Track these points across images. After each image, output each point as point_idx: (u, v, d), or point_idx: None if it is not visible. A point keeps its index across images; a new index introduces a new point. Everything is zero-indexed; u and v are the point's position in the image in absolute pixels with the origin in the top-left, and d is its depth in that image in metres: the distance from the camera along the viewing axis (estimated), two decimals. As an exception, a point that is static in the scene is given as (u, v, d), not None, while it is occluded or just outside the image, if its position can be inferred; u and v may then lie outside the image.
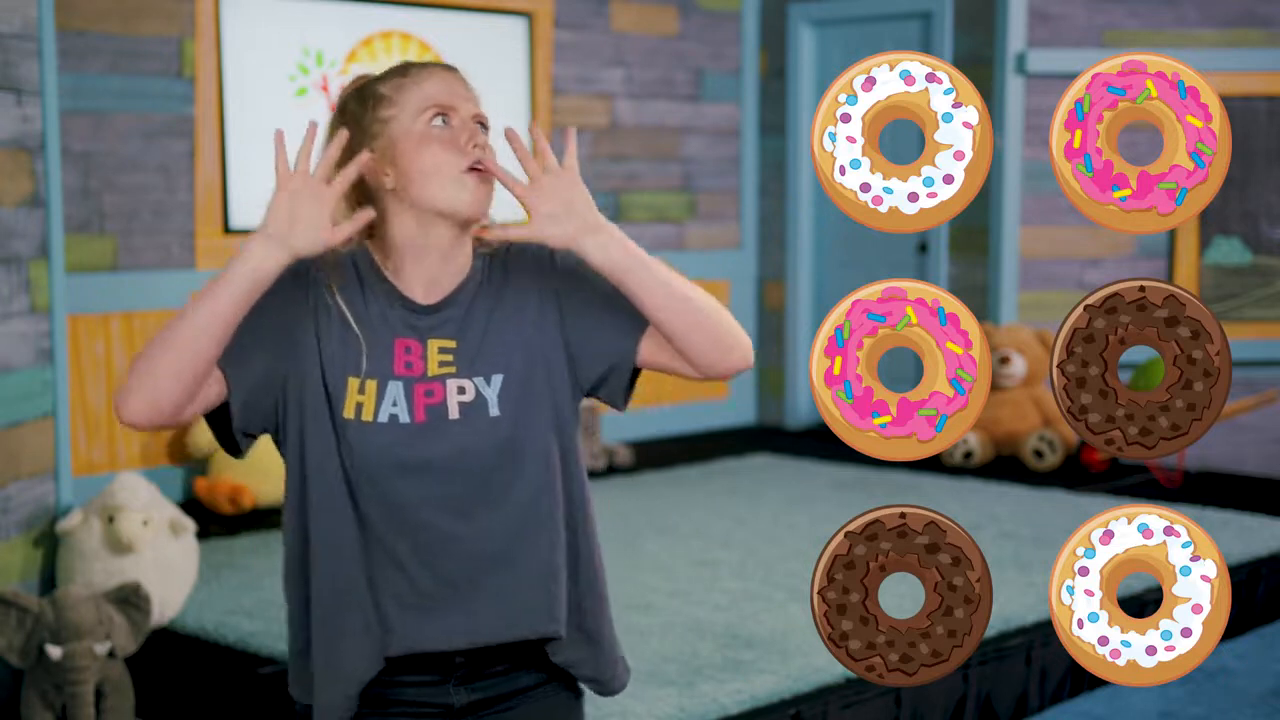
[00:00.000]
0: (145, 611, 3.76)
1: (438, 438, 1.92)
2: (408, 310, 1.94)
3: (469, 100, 1.96)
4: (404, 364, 1.93)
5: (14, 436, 3.98)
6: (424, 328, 1.94)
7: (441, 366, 1.94)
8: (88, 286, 5.50)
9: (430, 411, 1.92)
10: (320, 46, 6.17)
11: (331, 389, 1.92)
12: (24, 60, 4.03)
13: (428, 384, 1.92)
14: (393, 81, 1.96)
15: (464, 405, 1.93)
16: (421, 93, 1.93)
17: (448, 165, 1.91)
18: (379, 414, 1.91)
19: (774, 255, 7.79)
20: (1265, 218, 6.82)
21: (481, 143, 1.94)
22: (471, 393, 1.93)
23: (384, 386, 1.92)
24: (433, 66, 1.97)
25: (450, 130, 1.93)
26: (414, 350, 1.93)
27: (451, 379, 1.93)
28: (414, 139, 1.92)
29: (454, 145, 1.92)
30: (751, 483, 6.17)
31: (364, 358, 1.92)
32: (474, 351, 1.95)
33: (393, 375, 1.92)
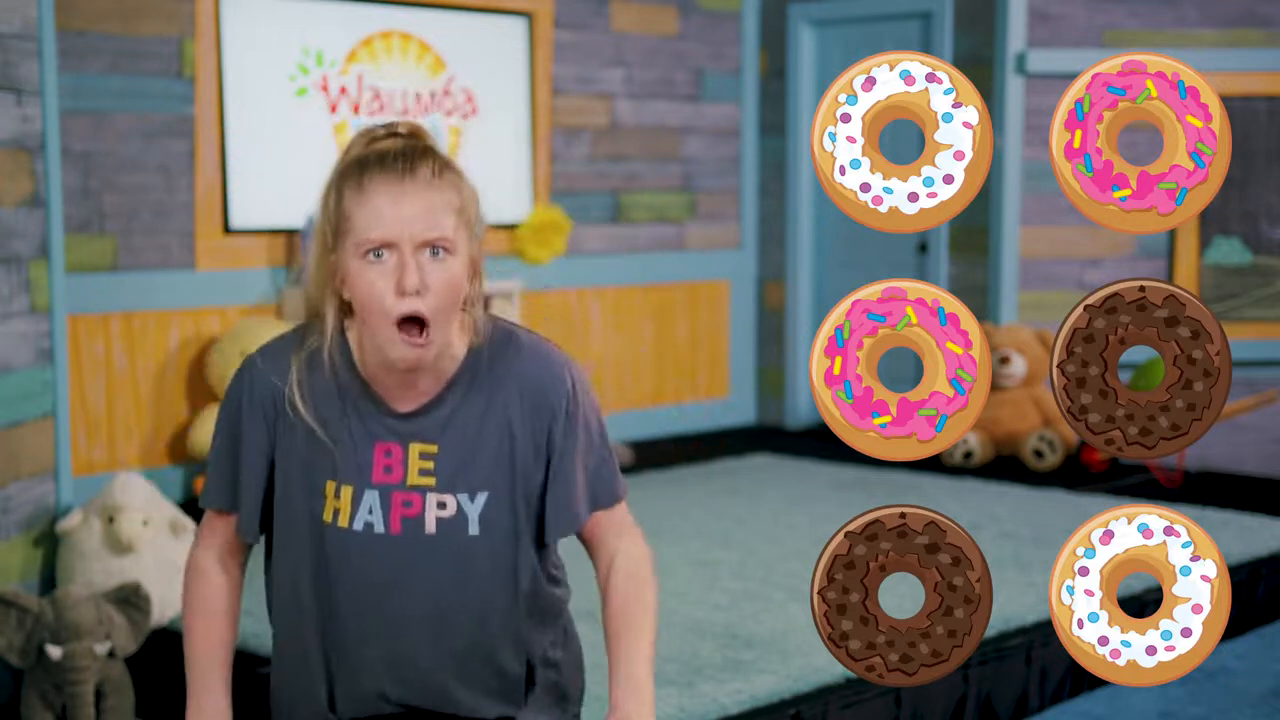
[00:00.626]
0: (145, 611, 3.76)
1: (412, 550, 1.90)
2: (386, 414, 1.90)
3: (416, 224, 1.81)
4: (383, 469, 1.89)
5: (14, 436, 3.98)
6: (405, 432, 1.89)
7: (422, 475, 1.90)
8: (88, 286, 5.50)
9: (406, 524, 1.89)
10: (320, 46, 6.17)
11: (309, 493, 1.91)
12: (24, 60, 4.03)
13: (406, 494, 1.89)
14: (351, 192, 1.84)
15: (442, 521, 1.89)
16: (362, 220, 1.81)
17: (378, 312, 1.82)
18: (354, 521, 1.89)
19: (774, 255, 7.79)
20: (1265, 218, 6.82)
21: (411, 288, 1.79)
22: (452, 509, 1.90)
23: (360, 494, 1.88)
24: (388, 174, 1.82)
25: (384, 266, 1.81)
26: (394, 454, 1.89)
27: (431, 493, 1.89)
28: (352, 274, 1.83)
29: (385, 286, 1.81)
30: (751, 483, 6.17)
31: (335, 465, 1.89)
32: (457, 462, 1.90)
33: (369, 484, 1.88)
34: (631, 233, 7.35)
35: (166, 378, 5.76)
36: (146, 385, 5.71)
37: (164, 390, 5.75)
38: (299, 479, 1.92)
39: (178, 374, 5.78)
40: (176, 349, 5.78)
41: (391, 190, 1.81)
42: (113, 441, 5.63)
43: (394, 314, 1.81)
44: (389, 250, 1.81)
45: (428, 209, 1.82)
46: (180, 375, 5.79)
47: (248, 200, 5.95)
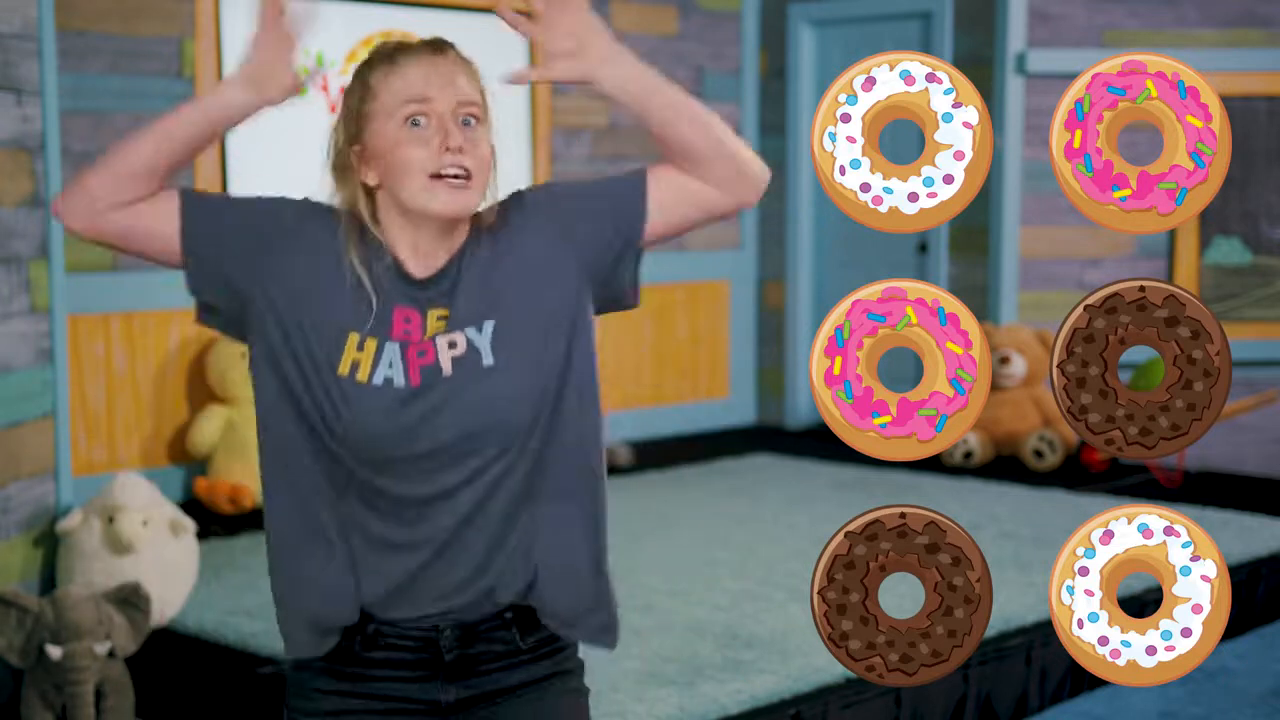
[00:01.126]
0: (145, 611, 3.76)
1: (431, 402, 1.89)
2: (405, 282, 1.92)
3: (451, 89, 1.88)
4: (403, 331, 1.90)
5: (14, 436, 3.98)
6: (423, 299, 1.92)
7: (435, 328, 1.92)
8: (88, 286, 5.50)
9: (424, 372, 1.89)
10: (320, 46, 6.16)
11: (326, 340, 1.90)
12: (24, 60, 4.03)
13: (420, 345, 1.90)
14: (379, 70, 1.90)
15: (456, 360, 1.90)
16: (397, 88, 1.88)
17: (417, 170, 1.86)
18: (374, 376, 1.88)
19: (774, 255, 7.79)
20: (1265, 218, 6.82)
21: (455, 145, 1.86)
22: (462, 345, 1.90)
23: (382, 347, 1.89)
24: (419, 52, 1.90)
25: (423, 132, 1.87)
26: (413, 320, 1.91)
27: (441, 335, 1.90)
28: (388, 140, 1.87)
29: (425, 148, 1.86)
30: (751, 483, 6.17)
31: (371, 317, 1.90)
32: (459, 304, 1.92)
33: (390, 337, 1.90)
34: (631, 233, 7.34)
35: (166, 378, 5.76)
36: (146, 385, 5.71)
37: (164, 390, 5.75)
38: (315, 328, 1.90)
39: (178, 374, 5.78)
40: (176, 349, 5.77)
41: (426, 62, 1.88)
42: (113, 441, 5.63)
43: (437, 169, 1.86)
44: (426, 117, 1.87)
45: (460, 80, 1.89)
46: (180, 375, 5.79)
47: (248, 200, 5.95)
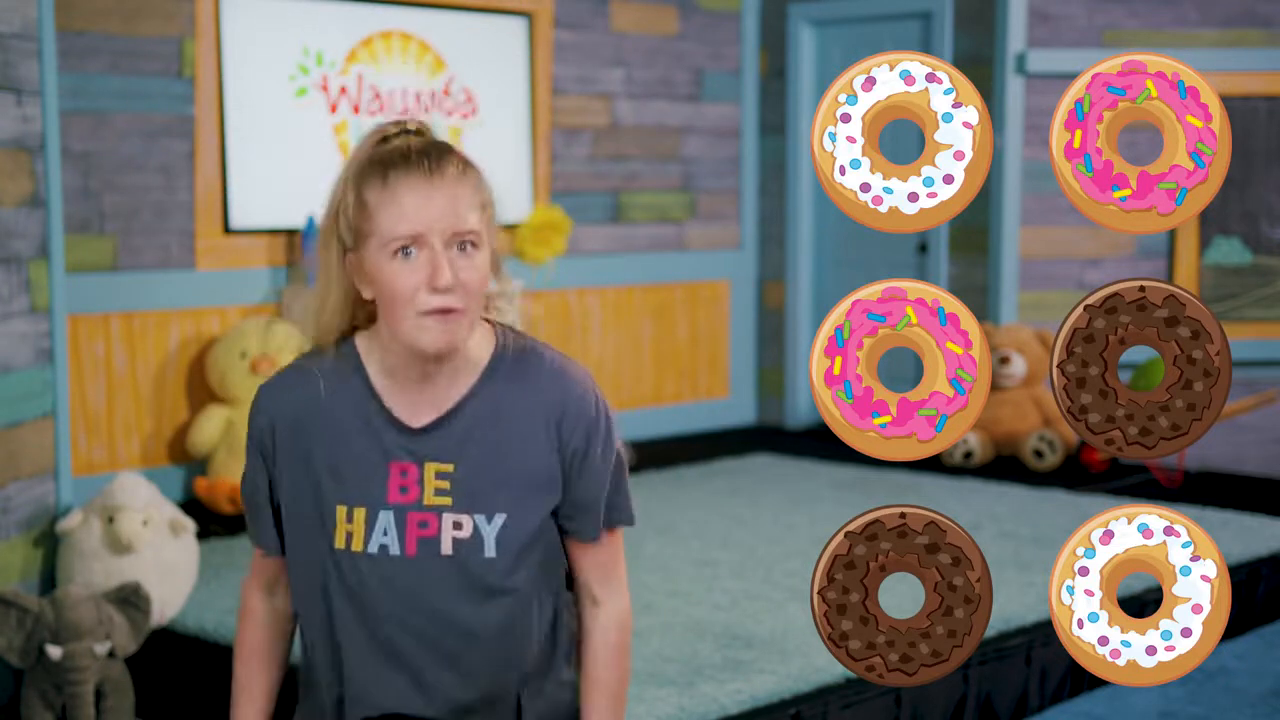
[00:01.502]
0: (145, 611, 3.76)
1: (427, 572, 1.88)
2: (400, 432, 1.88)
3: (446, 219, 1.79)
4: (399, 489, 1.87)
5: (14, 436, 3.98)
6: (421, 451, 1.88)
7: (438, 495, 1.88)
8: (88, 286, 5.51)
9: (422, 545, 1.87)
10: (320, 46, 6.16)
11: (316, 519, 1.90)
12: (24, 60, 4.03)
13: (422, 514, 1.87)
14: (374, 190, 1.81)
15: (458, 542, 1.87)
16: (390, 218, 1.79)
17: (407, 304, 1.80)
18: (369, 544, 1.87)
19: (774, 255, 7.79)
20: (1265, 218, 6.82)
21: (443, 285, 1.78)
22: (468, 529, 1.87)
23: (374, 516, 1.87)
24: (413, 173, 1.81)
25: (413, 264, 1.79)
26: (410, 474, 1.87)
27: (448, 512, 1.87)
28: (383, 270, 1.80)
29: (416, 283, 1.79)
30: (751, 483, 6.18)
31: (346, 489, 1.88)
32: (475, 482, 1.88)
33: (384, 504, 1.87)
34: (631, 233, 7.35)
35: (166, 378, 5.76)
36: (146, 385, 5.71)
37: (164, 390, 5.75)
38: (305, 509, 1.90)
39: (178, 374, 5.78)
40: (176, 349, 5.78)
41: (419, 186, 1.80)
42: (113, 441, 5.63)
43: (424, 307, 1.79)
44: (418, 247, 1.79)
45: (455, 204, 1.81)
46: (180, 375, 5.79)
47: (248, 200, 5.95)
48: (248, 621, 2.02)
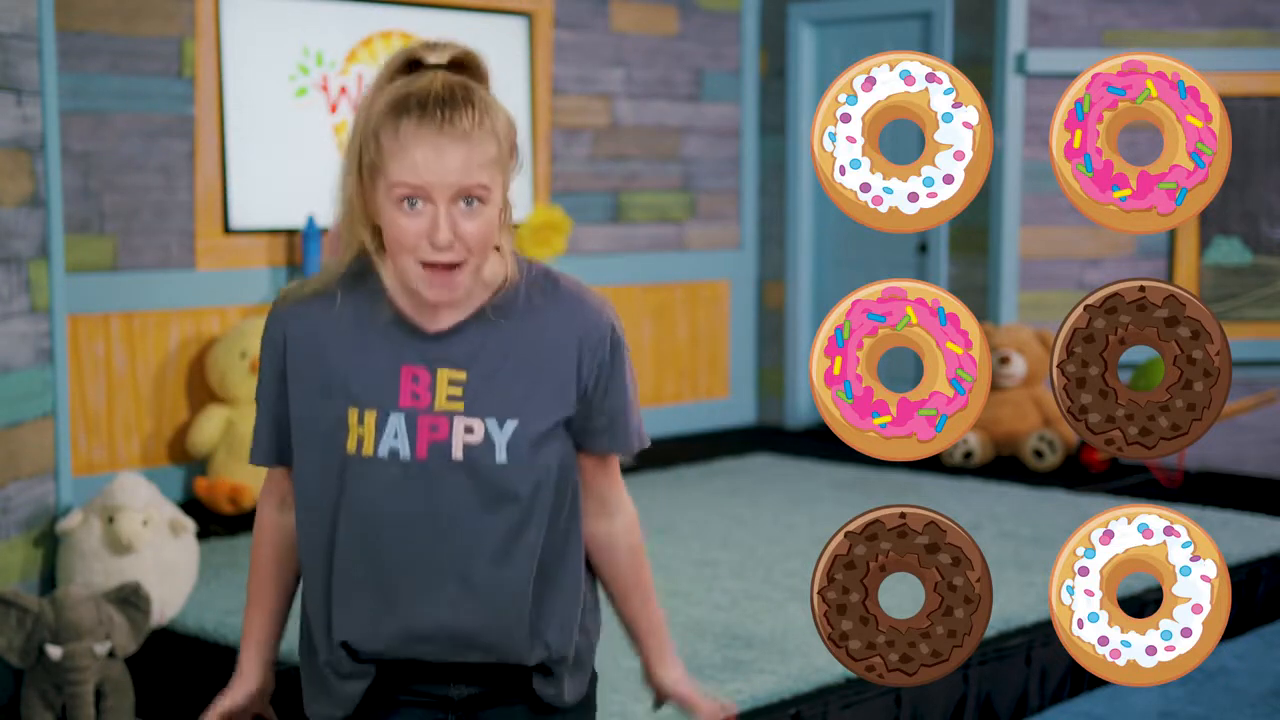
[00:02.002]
0: (145, 611, 3.76)
1: (438, 477, 1.86)
2: (415, 337, 1.87)
3: (453, 174, 1.79)
4: (410, 394, 1.86)
5: (14, 436, 3.98)
6: (434, 357, 1.87)
7: (450, 400, 1.86)
8: (88, 286, 5.51)
9: (433, 449, 1.86)
10: (320, 46, 6.17)
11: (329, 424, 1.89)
12: (24, 60, 4.03)
13: (433, 418, 1.86)
14: (388, 132, 1.81)
15: (469, 447, 1.86)
16: (399, 164, 1.79)
17: (407, 252, 1.81)
18: (379, 448, 1.86)
19: (774, 255, 7.79)
20: (1265, 218, 6.82)
21: (441, 243, 1.79)
22: (479, 434, 1.86)
23: (384, 419, 1.86)
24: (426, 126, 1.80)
25: (417, 217, 1.80)
26: (422, 380, 1.86)
27: (459, 417, 1.86)
28: (384, 210, 1.82)
29: (417, 233, 1.80)
30: (751, 483, 6.17)
31: (358, 392, 1.87)
32: (487, 388, 1.87)
33: (395, 407, 1.86)
34: (631, 233, 7.35)
35: (166, 378, 5.76)
36: (146, 385, 5.71)
37: (164, 390, 5.75)
38: (317, 415, 1.89)
39: (178, 374, 5.78)
40: (176, 349, 5.78)
41: (430, 139, 1.79)
42: (113, 441, 5.63)
43: (423, 259, 1.81)
44: (422, 200, 1.80)
45: (465, 161, 1.80)
46: (180, 375, 5.79)
47: (248, 200, 5.95)
48: (261, 536, 2.04)
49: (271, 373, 1.94)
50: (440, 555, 1.88)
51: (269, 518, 2.03)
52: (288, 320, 1.92)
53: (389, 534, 1.88)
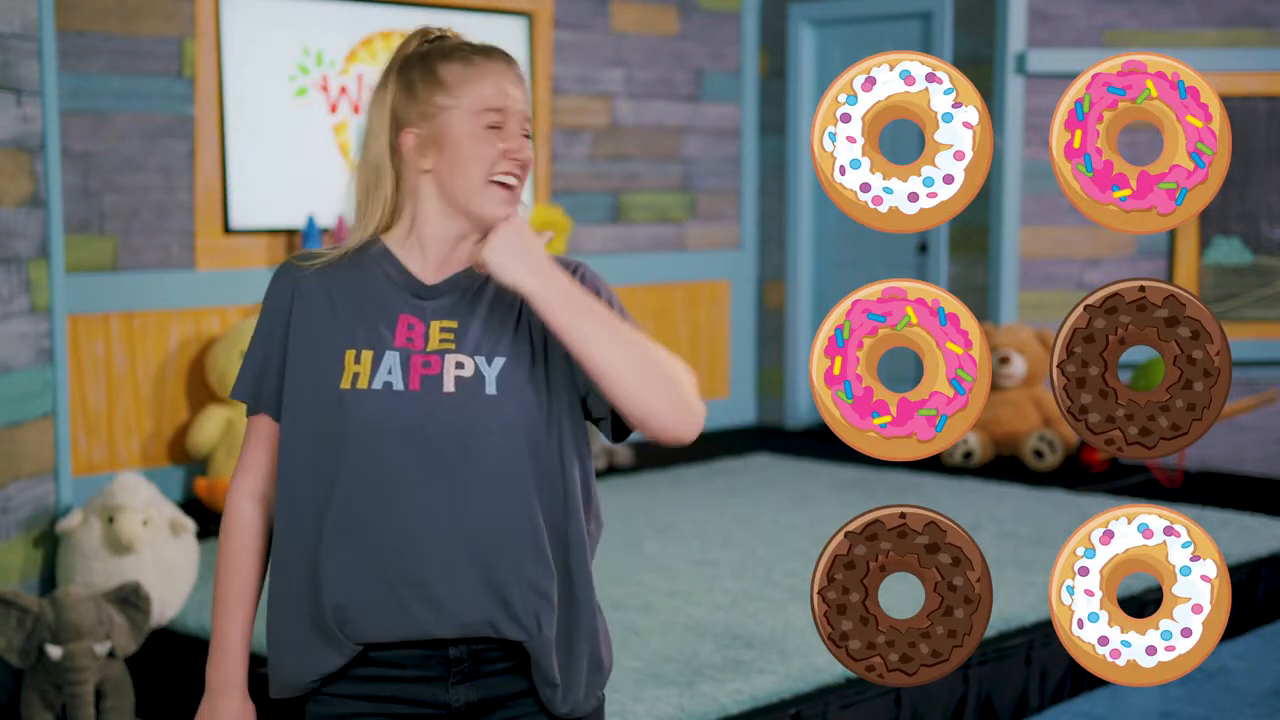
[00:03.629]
0: (145, 611, 3.76)
1: (431, 406, 1.92)
2: (411, 291, 1.97)
3: (521, 103, 1.99)
4: (405, 338, 1.95)
5: (14, 436, 3.98)
6: (428, 308, 1.96)
7: (442, 343, 1.95)
8: (88, 286, 5.51)
9: (425, 381, 1.93)
10: (320, 46, 6.16)
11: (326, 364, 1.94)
12: (24, 60, 4.03)
13: (426, 355, 1.94)
14: (456, 69, 1.99)
15: (460, 379, 1.93)
16: (483, 92, 1.96)
17: (484, 169, 1.94)
18: (374, 381, 1.92)
19: (774, 255, 7.79)
20: (1265, 218, 6.82)
21: (524, 159, 1.97)
22: (470, 369, 1.94)
23: (380, 357, 1.94)
24: (494, 60, 2.00)
25: (498, 136, 1.96)
26: (416, 328, 1.95)
27: (450, 354, 1.94)
28: (467, 135, 1.95)
29: (499, 152, 1.95)
30: (751, 483, 6.17)
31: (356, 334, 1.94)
32: (476, 332, 1.96)
33: (390, 346, 1.94)
34: (631, 233, 7.35)
35: (166, 378, 5.76)
36: (146, 385, 5.71)
37: (164, 390, 5.75)
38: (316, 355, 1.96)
39: (178, 374, 5.78)
40: (176, 349, 5.78)
41: (504, 72, 1.99)
42: (113, 441, 5.63)
43: (497, 173, 1.94)
44: (504, 124, 1.96)
45: (526, 97, 2.01)
46: (180, 375, 5.79)
47: (248, 200, 5.95)
48: (236, 529, 2.03)
49: (272, 315, 2.01)
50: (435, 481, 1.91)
51: (244, 512, 2.02)
52: (299, 278, 2.00)
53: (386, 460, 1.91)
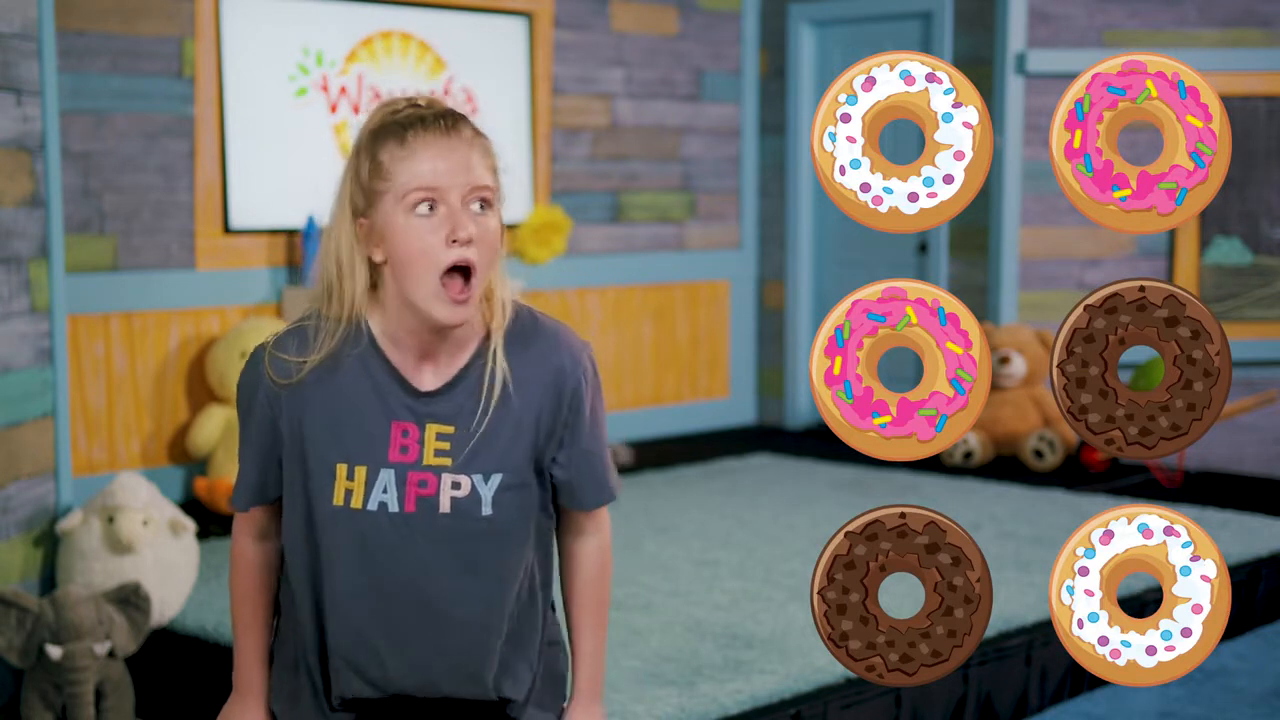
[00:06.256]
0: (145, 611, 3.76)
1: (425, 527, 1.91)
2: (406, 393, 1.91)
3: (463, 176, 1.85)
4: (399, 449, 1.90)
5: (14, 436, 3.98)
6: (423, 413, 1.91)
7: (438, 456, 1.90)
8: (88, 286, 5.50)
9: (421, 503, 1.90)
10: (320, 46, 6.16)
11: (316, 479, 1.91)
12: (24, 60, 4.03)
13: (421, 473, 1.90)
14: (389, 149, 1.86)
15: (456, 500, 1.91)
16: (409, 173, 1.84)
17: (426, 263, 1.83)
18: (369, 501, 1.89)
19: (774, 255, 7.79)
20: (1265, 218, 6.82)
21: (464, 238, 1.83)
22: (466, 488, 1.91)
23: (375, 474, 1.89)
24: (430, 132, 1.85)
25: (432, 220, 1.84)
26: (411, 434, 1.90)
27: (447, 473, 1.90)
28: (398, 227, 1.84)
29: (435, 239, 1.83)
30: (751, 483, 6.18)
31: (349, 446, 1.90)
32: (474, 443, 1.91)
33: (385, 463, 1.89)
34: (631, 233, 7.35)
35: (166, 378, 5.76)
36: (146, 385, 5.71)
37: (164, 390, 5.75)
38: (301, 467, 1.92)
39: (178, 374, 5.78)
40: (176, 349, 5.78)
41: (439, 144, 1.84)
42: (113, 441, 5.63)
43: (444, 263, 1.83)
44: (438, 203, 1.83)
45: (473, 162, 1.86)
46: (180, 375, 5.79)
47: (248, 200, 5.95)
48: (244, 565, 2.04)
49: (258, 423, 1.95)
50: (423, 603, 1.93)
51: (250, 551, 2.04)
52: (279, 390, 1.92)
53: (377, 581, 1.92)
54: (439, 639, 1.94)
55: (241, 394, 1.96)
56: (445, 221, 1.83)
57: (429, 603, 1.93)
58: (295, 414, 1.91)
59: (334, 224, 1.90)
